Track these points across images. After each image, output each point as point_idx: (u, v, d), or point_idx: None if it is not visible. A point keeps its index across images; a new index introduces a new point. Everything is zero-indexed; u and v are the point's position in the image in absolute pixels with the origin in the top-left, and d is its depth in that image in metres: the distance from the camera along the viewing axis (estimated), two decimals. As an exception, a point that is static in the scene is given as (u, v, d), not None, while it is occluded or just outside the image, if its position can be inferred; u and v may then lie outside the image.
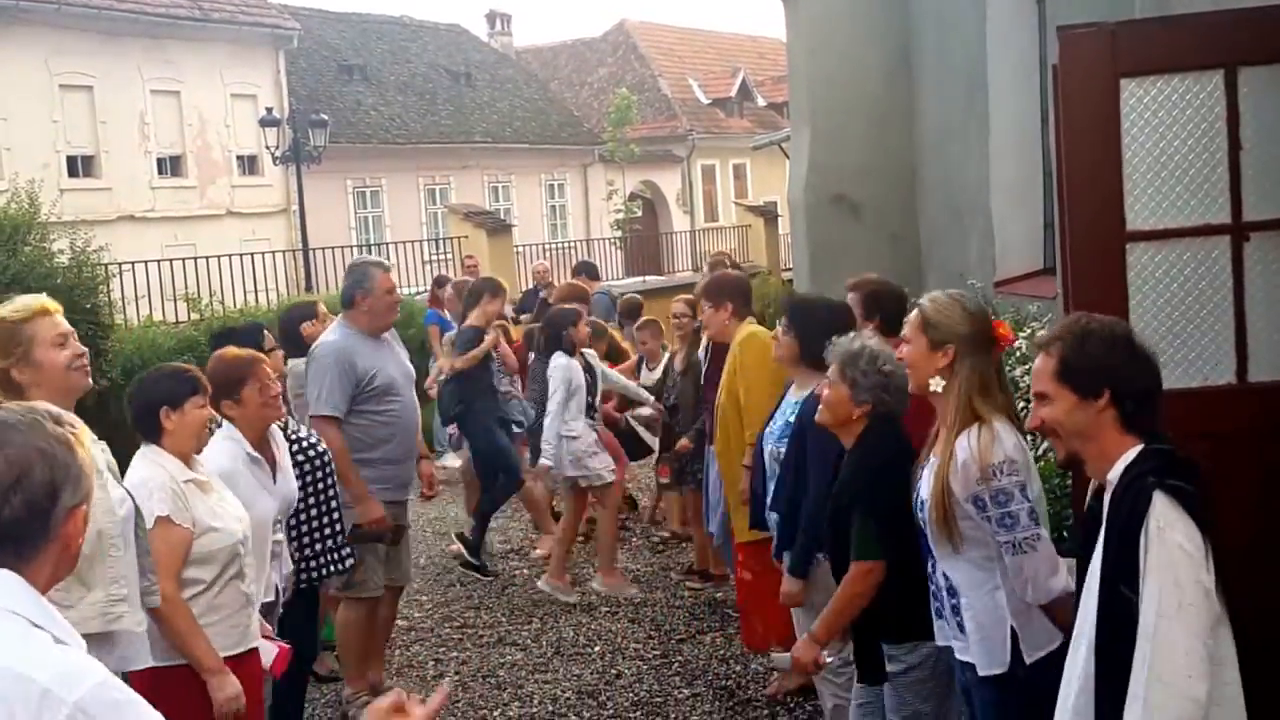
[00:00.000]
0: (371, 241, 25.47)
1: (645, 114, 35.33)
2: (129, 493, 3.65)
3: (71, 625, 3.31)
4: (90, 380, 3.65)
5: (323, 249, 19.30)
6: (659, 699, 6.00)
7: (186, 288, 15.47)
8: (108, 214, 21.25)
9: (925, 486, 3.42)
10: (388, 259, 21.04)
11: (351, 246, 23.12)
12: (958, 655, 3.51)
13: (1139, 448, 2.68)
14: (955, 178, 8.87)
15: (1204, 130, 4.10)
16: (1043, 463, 5.45)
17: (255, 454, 4.48)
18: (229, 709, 3.72)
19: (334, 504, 5.32)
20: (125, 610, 3.48)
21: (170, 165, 24.58)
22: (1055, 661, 3.24)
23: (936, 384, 3.42)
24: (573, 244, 26.92)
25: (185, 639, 3.76)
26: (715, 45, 41.98)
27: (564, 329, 7.73)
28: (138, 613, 3.54)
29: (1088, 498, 2.91)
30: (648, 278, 24.83)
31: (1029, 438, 5.28)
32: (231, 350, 4.69)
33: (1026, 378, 6.43)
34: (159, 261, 15.80)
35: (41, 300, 3.58)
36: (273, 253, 18.45)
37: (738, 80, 38.95)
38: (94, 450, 3.51)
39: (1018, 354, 6.88)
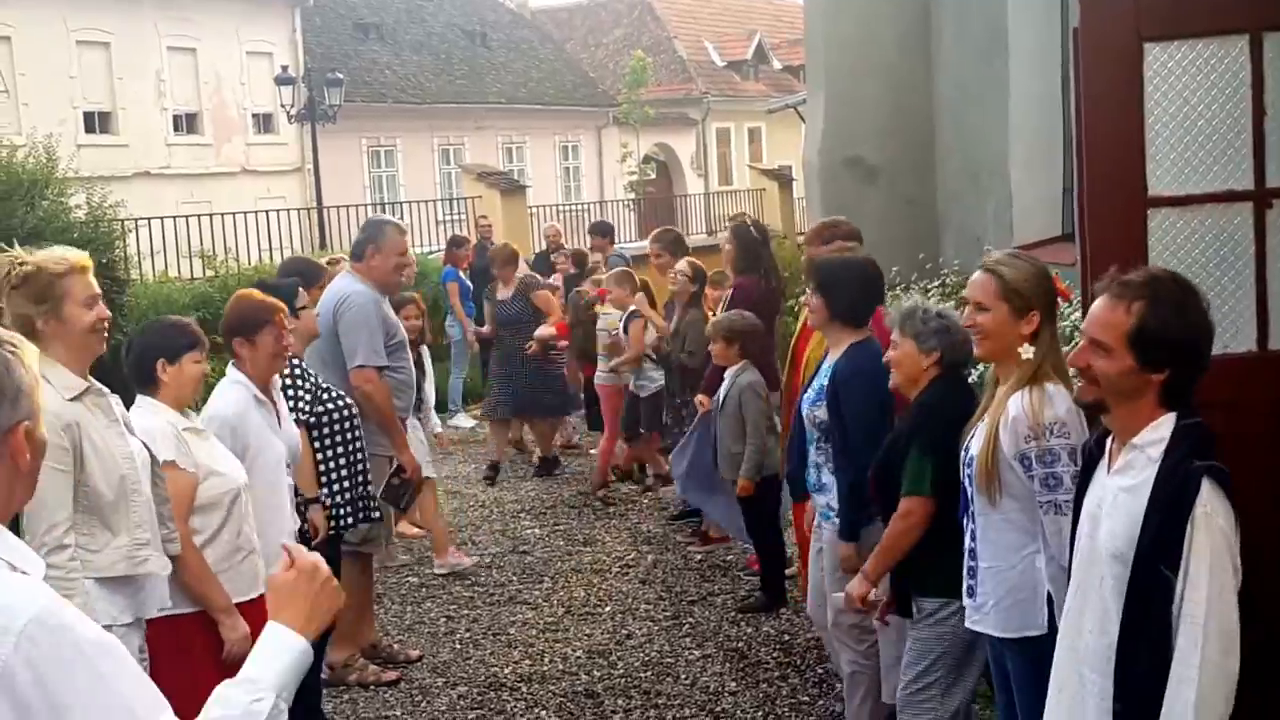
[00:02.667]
0: (386, 201, 25.44)
1: (660, 76, 35.13)
2: (144, 444, 3.65)
3: (99, 568, 3.39)
4: (105, 346, 3.66)
5: (337, 208, 19.28)
6: (669, 659, 6.03)
7: (202, 244, 15.49)
8: (124, 170, 21.26)
9: (976, 443, 3.42)
10: (402, 218, 21.13)
11: (366, 205, 23.09)
12: (971, 625, 3.52)
13: (1171, 419, 2.66)
14: (973, 141, 8.80)
15: (1228, 95, 4.06)
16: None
17: (262, 397, 4.55)
18: (240, 649, 3.76)
19: (360, 455, 5.39)
20: (150, 554, 3.54)
21: (186, 122, 24.58)
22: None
23: (1028, 351, 3.37)
24: (586, 206, 26.85)
25: (200, 583, 3.81)
26: (731, 7, 41.65)
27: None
28: (161, 557, 3.61)
29: (1090, 444, 2.90)
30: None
31: None
32: (257, 293, 4.73)
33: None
34: (174, 218, 15.82)
35: (81, 257, 3.58)
36: (287, 211, 18.44)
37: (753, 43, 38.68)
38: (109, 402, 3.55)
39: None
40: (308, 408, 5.18)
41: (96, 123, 22.92)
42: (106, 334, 3.63)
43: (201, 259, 14.96)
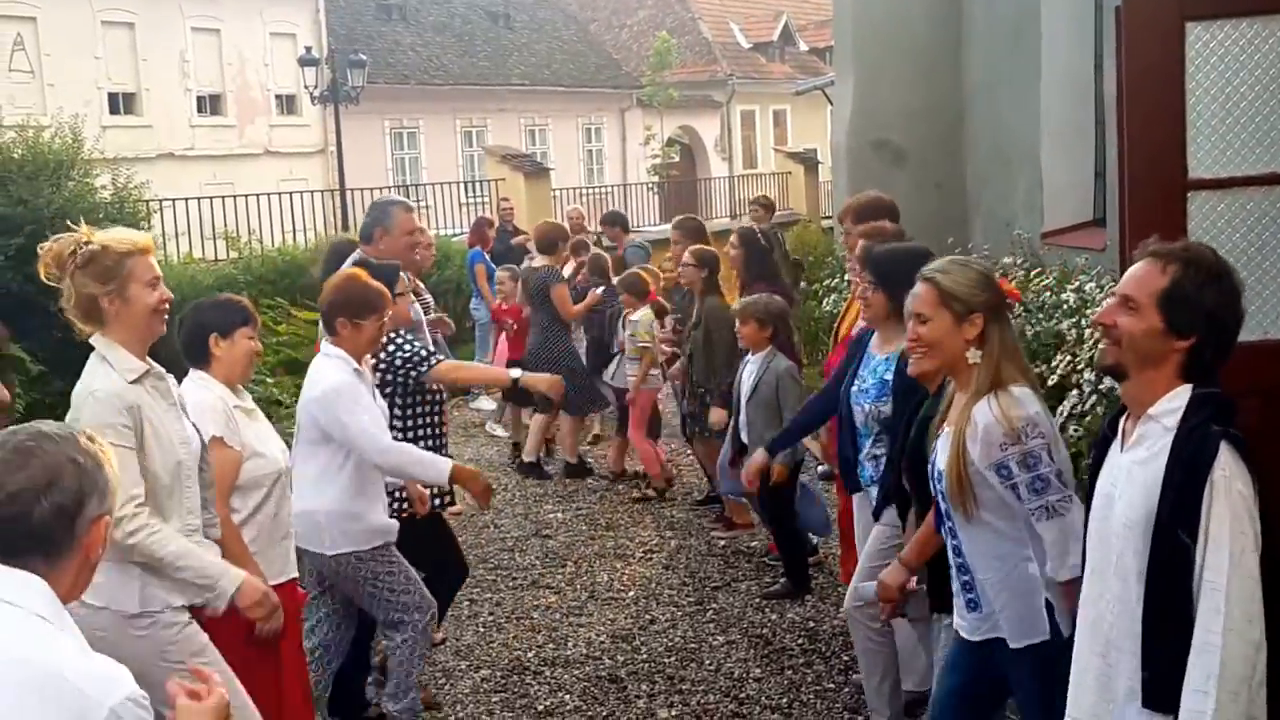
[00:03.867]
0: (408, 183, 25.43)
1: (685, 58, 34.96)
2: (196, 429, 3.67)
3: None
4: (165, 328, 3.67)
5: (360, 190, 19.28)
6: (693, 645, 5.99)
7: (225, 226, 15.52)
8: (148, 151, 21.31)
9: (941, 456, 3.31)
10: (425, 201, 21.08)
11: (388, 187, 23.10)
12: (966, 635, 3.42)
13: (1188, 390, 2.60)
14: (1003, 124, 8.69)
15: (1271, 76, 3.99)
16: (1090, 418, 5.37)
17: (361, 368, 4.66)
18: (271, 629, 3.76)
19: (445, 440, 5.47)
20: (199, 540, 3.56)
21: (210, 104, 24.62)
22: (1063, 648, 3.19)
23: (975, 356, 3.28)
24: (609, 189, 26.78)
25: (238, 562, 3.80)
26: (757, -11, 41.43)
27: None
28: (208, 543, 3.62)
29: (1103, 428, 2.83)
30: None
31: (1075, 391, 5.18)
32: (366, 276, 4.78)
33: (1073, 330, 6.33)
34: (198, 199, 15.85)
35: (145, 238, 3.60)
36: (310, 192, 18.45)
37: (780, 24, 38.44)
38: (167, 386, 3.56)
39: (1064, 308, 6.77)
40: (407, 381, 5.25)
41: (121, 104, 22.97)
42: (166, 318, 3.64)
43: (225, 241, 14.99)
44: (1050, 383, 6.17)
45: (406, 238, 5.79)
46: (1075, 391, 5.77)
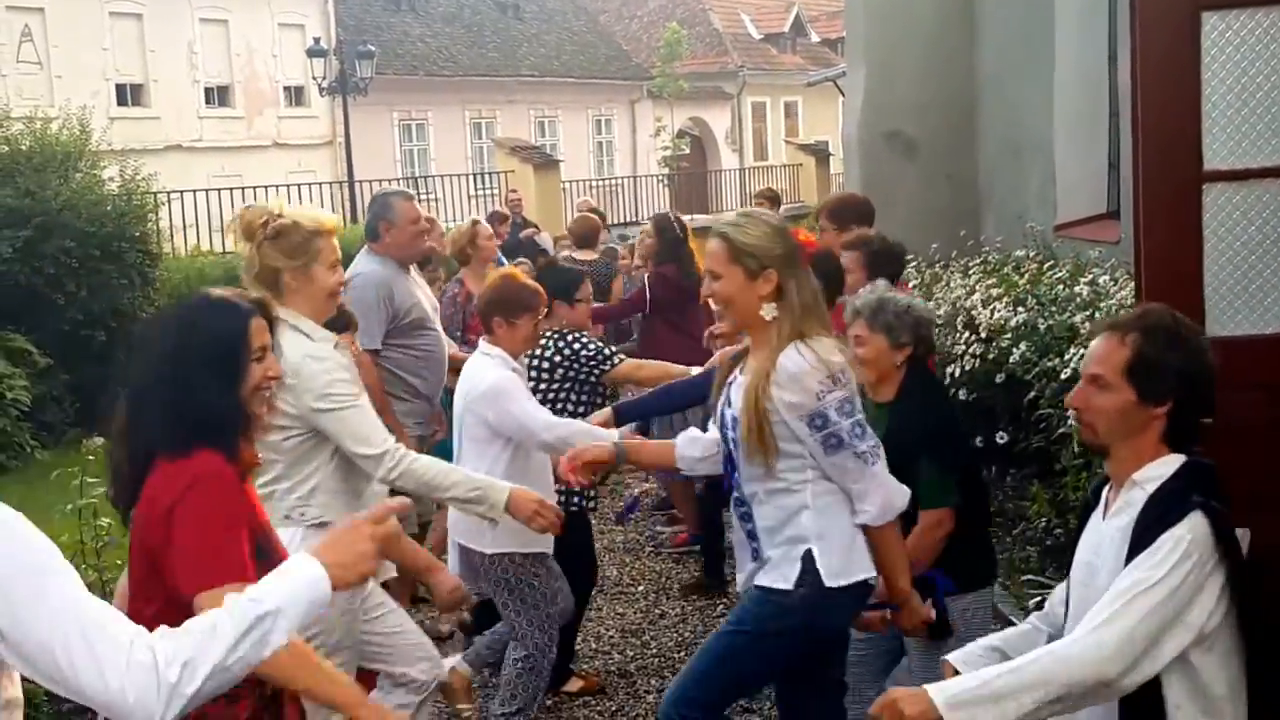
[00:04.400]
0: (417, 174, 25.40)
1: (695, 49, 34.86)
2: None
3: (310, 517, 3.59)
4: (335, 310, 3.78)
5: (368, 182, 19.25)
6: (703, 639, 5.94)
7: (234, 218, 15.50)
8: (155, 143, 21.29)
9: (736, 403, 3.25)
10: (433, 193, 21.07)
11: (397, 179, 23.06)
12: (754, 582, 3.34)
13: (1178, 460, 2.58)
14: (1015, 115, 8.63)
15: (1288, 67, 3.91)
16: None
17: (518, 367, 4.71)
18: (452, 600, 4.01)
19: None
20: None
21: (218, 95, 24.60)
22: (856, 594, 3.24)
23: (770, 311, 3.19)
24: (619, 180, 26.73)
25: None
26: (768, -22, 41.28)
27: None
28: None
29: (1086, 493, 2.82)
30: (695, 216, 24.60)
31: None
32: (522, 275, 4.86)
33: (1086, 323, 6.27)
34: (206, 191, 15.83)
35: (332, 219, 3.68)
36: (319, 184, 18.44)
37: (791, 15, 38.31)
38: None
39: (1078, 301, 6.70)
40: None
41: (129, 95, 22.96)
42: (340, 299, 3.75)
43: (233, 233, 14.97)
44: (1064, 376, 6.12)
45: (412, 227, 5.76)
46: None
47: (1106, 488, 2.68)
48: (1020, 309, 6.98)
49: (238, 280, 12.30)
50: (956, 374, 7.14)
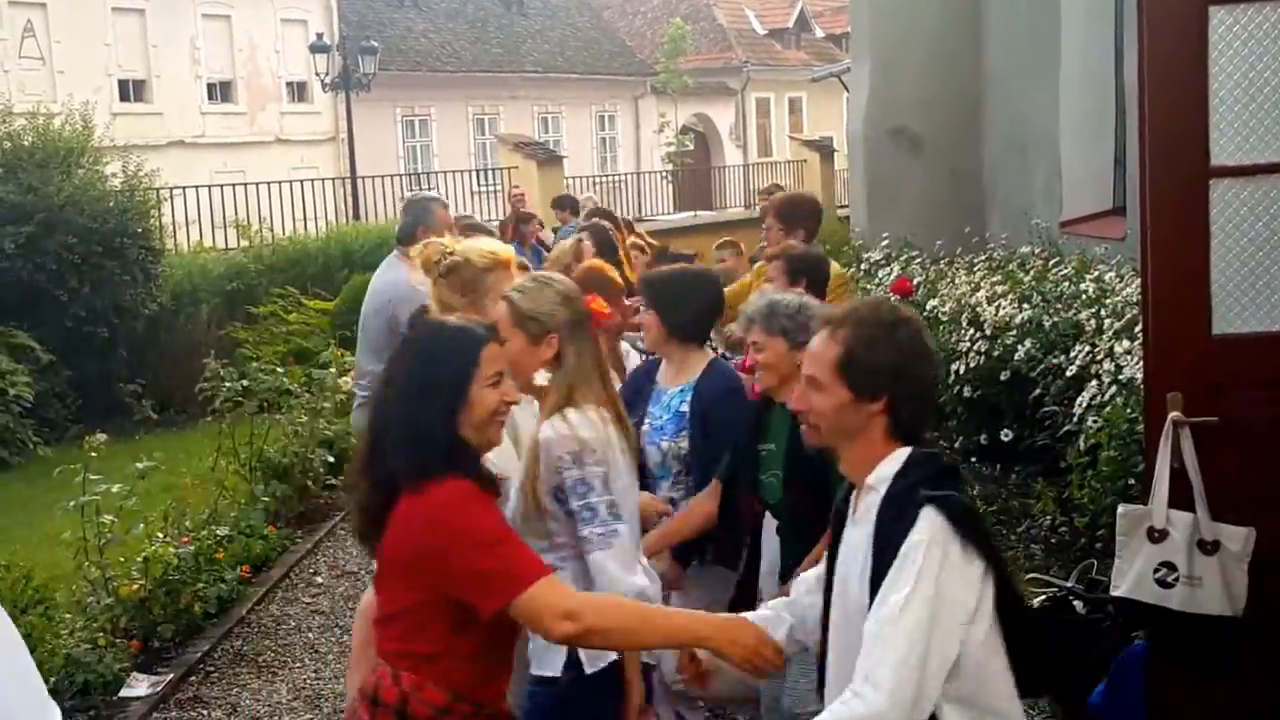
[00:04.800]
0: (420, 170, 25.37)
1: (699, 44, 34.78)
2: None
3: None
4: None
5: (371, 178, 19.22)
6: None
7: (236, 214, 15.48)
8: (158, 139, 21.26)
9: (516, 480, 3.19)
10: (436, 188, 20.97)
11: (400, 176, 23.03)
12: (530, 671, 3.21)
13: (905, 452, 2.46)
14: (1021, 111, 8.60)
15: (1296, 61, 3.87)
16: (1109, 409, 5.28)
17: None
18: None
19: None
20: None
21: (220, 91, 24.56)
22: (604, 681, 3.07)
23: (542, 378, 3.19)
24: (622, 177, 26.68)
25: None
26: (772, -26, 41.18)
27: None
28: None
29: (838, 498, 2.65)
30: (699, 213, 24.58)
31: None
32: (607, 268, 4.80)
33: (1091, 320, 6.24)
34: (208, 187, 15.81)
35: (506, 252, 3.66)
36: (321, 180, 18.41)
37: (796, 10, 38.21)
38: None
39: (1083, 298, 6.67)
40: None
41: (131, 91, 22.93)
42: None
43: (236, 229, 14.95)
44: (1069, 373, 6.10)
45: (447, 234, 5.73)
46: (1094, 382, 5.69)
47: (854, 492, 2.58)
48: (1025, 306, 6.96)
49: (240, 276, 12.21)
50: (961, 371, 7.12)
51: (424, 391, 2.55)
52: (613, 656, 3.06)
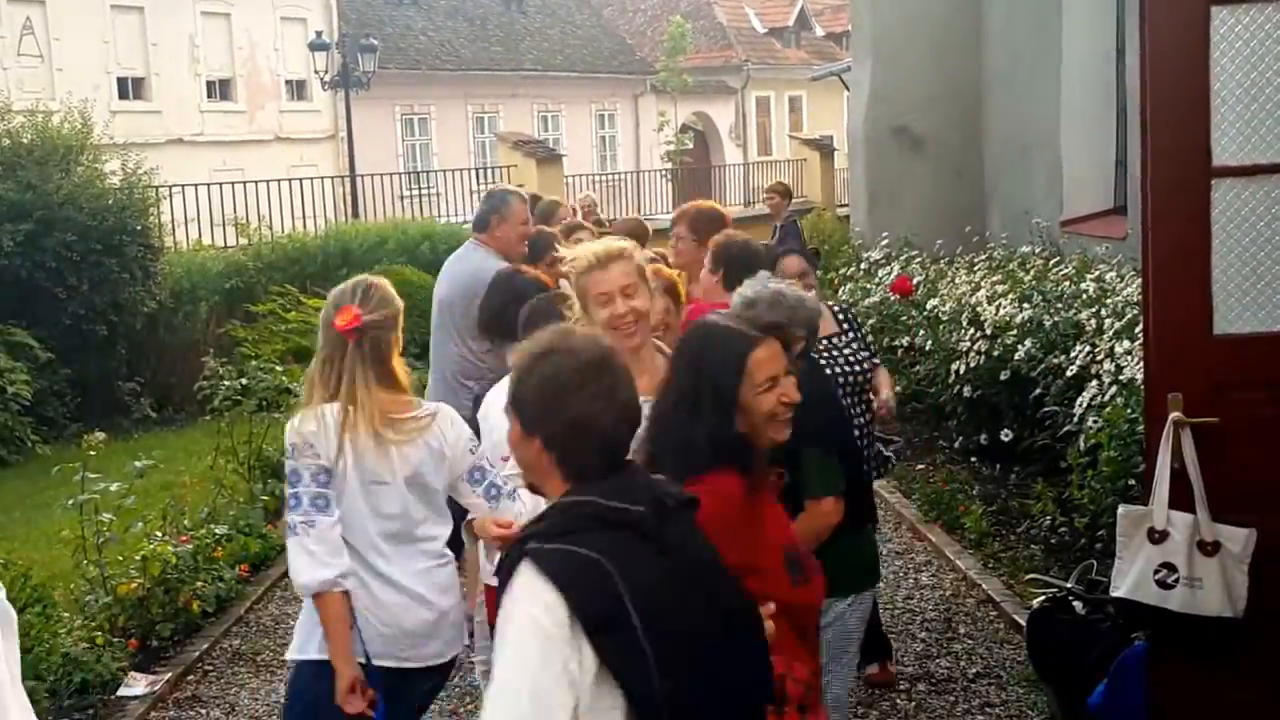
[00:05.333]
0: (419, 169, 25.36)
1: (699, 43, 34.75)
2: None
3: None
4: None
5: (370, 176, 19.20)
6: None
7: (235, 212, 15.46)
8: (157, 137, 21.23)
9: None
10: (435, 187, 20.94)
11: (399, 174, 23.01)
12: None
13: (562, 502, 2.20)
14: (1022, 110, 8.59)
15: (1298, 61, 3.86)
16: (1110, 409, 5.27)
17: None
18: None
19: None
20: None
21: (219, 89, 24.54)
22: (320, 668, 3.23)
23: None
24: (622, 175, 26.67)
25: None
26: (772, -27, 41.15)
27: None
28: None
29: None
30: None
31: None
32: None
33: (1092, 320, 6.23)
34: (207, 185, 15.79)
35: (616, 246, 3.52)
36: (321, 179, 18.39)
37: (796, 9, 38.18)
38: None
39: (1084, 297, 6.65)
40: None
41: (130, 88, 22.91)
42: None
43: (235, 227, 14.93)
44: (1070, 373, 6.09)
45: (521, 228, 5.79)
46: (1095, 382, 5.68)
47: None
48: (1026, 305, 6.95)
49: (239, 274, 12.16)
50: (961, 370, 7.11)
51: (694, 392, 2.59)
52: (309, 654, 3.27)
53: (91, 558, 5.91)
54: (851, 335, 4.75)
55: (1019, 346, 6.67)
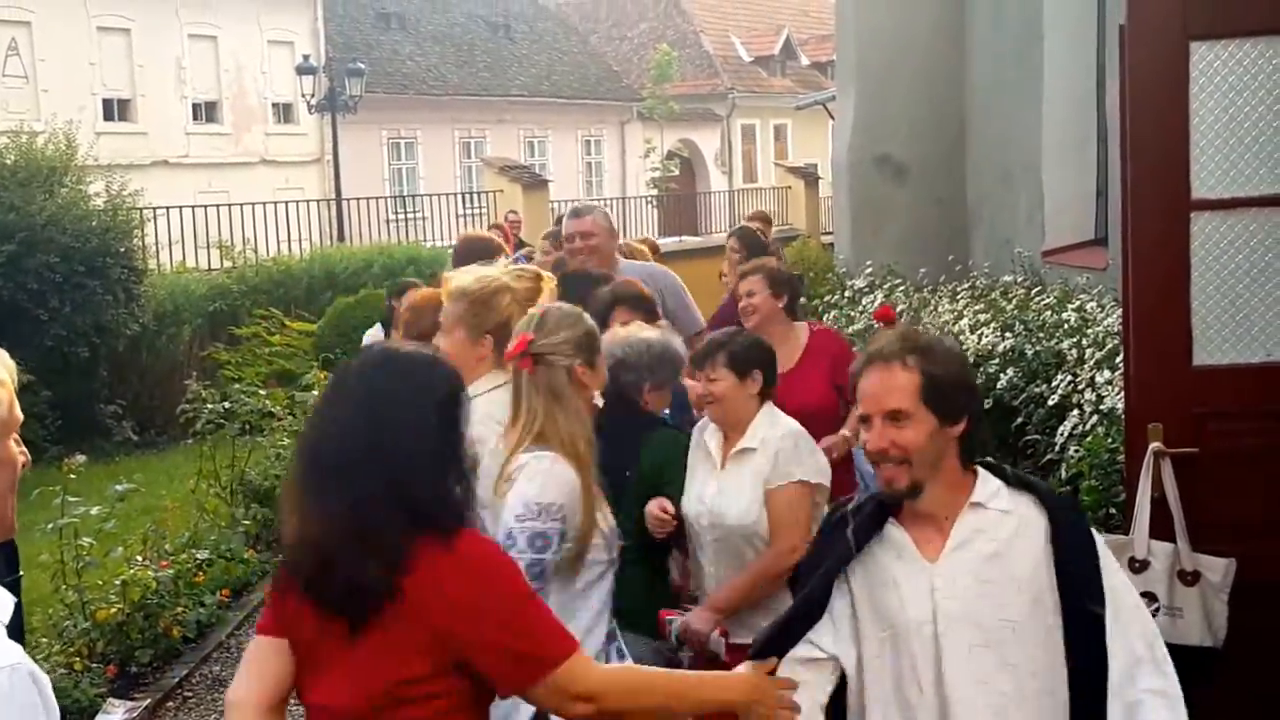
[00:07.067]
0: (405, 193, 25.37)
1: (686, 71, 34.94)
2: None
3: None
4: None
5: (356, 199, 19.21)
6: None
7: (220, 235, 15.44)
8: (142, 158, 21.21)
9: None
10: (421, 212, 20.93)
11: (385, 198, 23.03)
12: None
13: (986, 474, 2.48)
14: (1005, 139, 8.66)
15: (1276, 97, 3.92)
16: (1090, 438, 5.29)
17: None
18: None
19: None
20: None
21: (205, 111, 24.55)
22: None
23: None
24: (608, 201, 26.74)
25: None
26: (759, 2, 41.39)
27: None
28: None
29: (833, 517, 2.61)
30: (684, 238, 24.62)
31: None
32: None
33: (1073, 349, 6.26)
34: (192, 208, 15.77)
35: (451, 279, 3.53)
36: (306, 202, 18.39)
37: (781, 38, 38.44)
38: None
39: (1065, 327, 6.69)
40: None
41: (116, 110, 22.89)
42: None
43: (220, 250, 14.90)
44: (1051, 402, 6.11)
45: (566, 244, 5.63)
46: (1076, 412, 5.71)
47: (896, 529, 2.47)
48: (1008, 335, 6.98)
49: (224, 297, 12.13)
50: (944, 399, 7.12)
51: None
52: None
53: (70, 582, 5.86)
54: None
55: (1001, 375, 6.70)
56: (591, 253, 5.37)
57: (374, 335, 6.39)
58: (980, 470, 2.48)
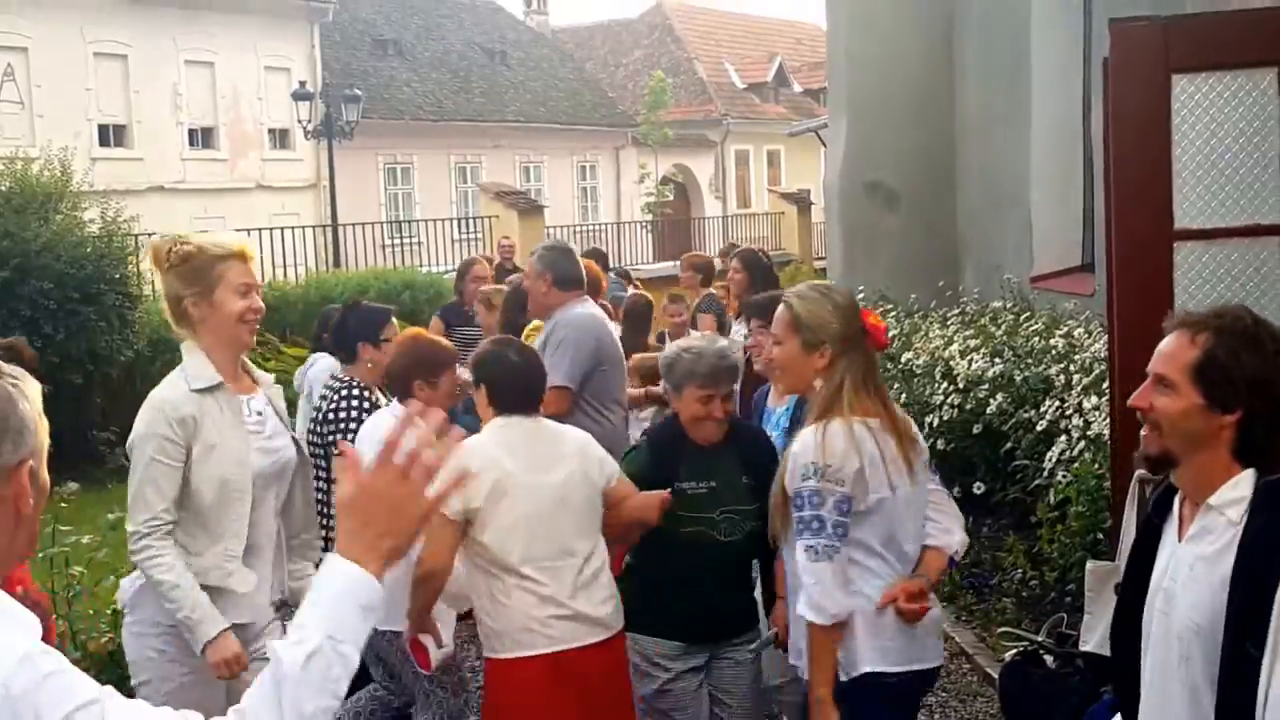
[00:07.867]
0: (401, 219, 25.44)
1: (680, 97, 35.14)
2: (296, 441, 3.67)
3: (197, 573, 3.42)
4: (254, 340, 3.61)
5: (352, 225, 19.25)
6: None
7: (215, 261, 15.45)
8: (138, 184, 21.28)
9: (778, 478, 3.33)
10: (417, 237, 20.95)
11: (381, 223, 23.08)
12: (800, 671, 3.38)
13: (1250, 476, 2.35)
14: (994, 167, 8.73)
15: (1255, 129, 3.99)
16: (1078, 464, 5.33)
17: None
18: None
19: None
20: (234, 569, 3.45)
21: (202, 137, 24.62)
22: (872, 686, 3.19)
23: (818, 384, 3.29)
24: (603, 227, 26.82)
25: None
26: (752, 29, 41.70)
27: None
28: (248, 574, 3.47)
29: (1147, 508, 2.64)
30: (678, 263, 24.66)
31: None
32: (429, 335, 4.78)
33: (1061, 375, 6.30)
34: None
35: (244, 244, 3.55)
36: (302, 228, 18.43)
37: (774, 65, 38.69)
38: (240, 402, 3.50)
39: (1053, 353, 6.74)
40: None
41: (111, 136, 22.96)
42: (256, 328, 3.58)
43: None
44: (1039, 428, 6.15)
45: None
46: (1064, 437, 5.75)
47: (1177, 502, 2.48)
48: (997, 360, 7.03)
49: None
50: (935, 423, 7.17)
51: None
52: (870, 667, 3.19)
53: (61, 613, 5.84)
54: None
55: (991, 400, 6.74)
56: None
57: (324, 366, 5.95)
58: (1248, 473, 2.36)
